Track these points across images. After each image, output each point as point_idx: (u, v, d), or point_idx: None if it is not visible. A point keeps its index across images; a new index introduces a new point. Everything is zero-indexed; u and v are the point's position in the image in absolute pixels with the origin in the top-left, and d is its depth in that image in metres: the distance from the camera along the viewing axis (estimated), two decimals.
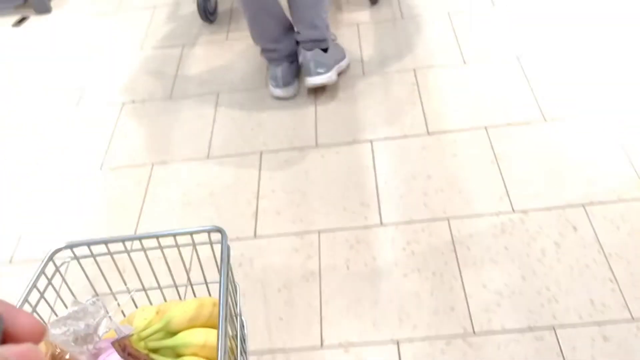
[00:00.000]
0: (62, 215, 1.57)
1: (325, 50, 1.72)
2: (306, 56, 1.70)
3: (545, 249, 1.29)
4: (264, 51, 1.79)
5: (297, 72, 1.83)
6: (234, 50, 2.04)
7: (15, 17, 2.37)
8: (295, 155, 1.62)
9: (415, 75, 1.80)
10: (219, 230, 0.91)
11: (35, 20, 2.34)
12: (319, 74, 1.70)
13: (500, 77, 1.74)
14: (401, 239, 1.36)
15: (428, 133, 1.61)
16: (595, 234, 1.31)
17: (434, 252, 1.33)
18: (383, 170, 1.53)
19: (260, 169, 1.60)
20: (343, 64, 1.84)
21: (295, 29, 1.74)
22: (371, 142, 1.62)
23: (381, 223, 1.41)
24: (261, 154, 1.64)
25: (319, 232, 1.41)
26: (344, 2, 2.16)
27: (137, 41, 2.14)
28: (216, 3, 2.22)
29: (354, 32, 2.01)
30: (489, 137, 1.57)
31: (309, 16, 1.67)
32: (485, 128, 1.59)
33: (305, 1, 1.64)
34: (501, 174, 1.47)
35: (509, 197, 1.41)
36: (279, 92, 1.79)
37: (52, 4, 2.41)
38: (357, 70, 1.86)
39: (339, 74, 1.83)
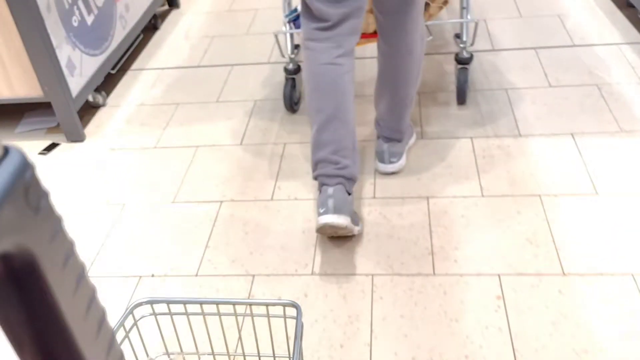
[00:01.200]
0: None
1: (400, 140, 1.79)
2: (382, 147, 1.79)
3: None
4: (320, 166, 1.51)
5: (351, 205, 1.53)
6: (280, 215, 1.72)
7: (45, 143, 2.15)
8: None
9: (500, 285, 1.44)
10: (294, 305, 0.94)
11: (65, 149, 2.11)
12: (392, 162, 1.79)
13: (612, 295, 1.36)
14: None
15: None
16: None
17: None
18: None
19: None
20: (411, 141, 1.90)
21: (378, 123, 1.78)
22: None
23: None
24: None
25: None
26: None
27: (171, 191, 1.86)
28: (300, 93, 2.17)
29: (424, 213, 1.68)
30: None
31: (396, 122, 1.74)
32: None
33: (397, 110, 1.70)
34: None
35: None
36: (327, 218, 1.44)
37: (87, 130, 2.19)
38: (425, 267, 1.51)
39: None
